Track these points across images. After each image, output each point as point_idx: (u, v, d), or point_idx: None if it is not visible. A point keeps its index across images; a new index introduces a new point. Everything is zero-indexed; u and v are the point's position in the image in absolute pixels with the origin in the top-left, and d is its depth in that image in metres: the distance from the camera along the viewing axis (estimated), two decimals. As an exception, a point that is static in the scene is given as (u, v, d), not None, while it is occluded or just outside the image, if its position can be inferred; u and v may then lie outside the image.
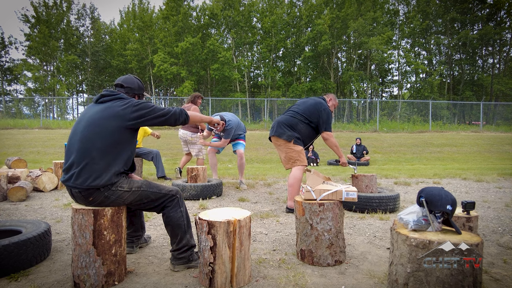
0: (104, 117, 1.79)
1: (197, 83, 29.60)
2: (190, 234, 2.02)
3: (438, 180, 5.97)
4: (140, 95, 2.15)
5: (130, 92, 2.08)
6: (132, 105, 1.85)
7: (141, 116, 1.85)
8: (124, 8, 55.85)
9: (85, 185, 1.71)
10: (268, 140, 3.78)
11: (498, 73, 28.33)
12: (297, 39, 28.64)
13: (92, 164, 1.73)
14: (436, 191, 1.67)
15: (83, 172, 1.72)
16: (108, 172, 1.75)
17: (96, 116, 1.81)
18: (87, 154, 1.74)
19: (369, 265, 2.06)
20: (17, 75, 29.77)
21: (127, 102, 1.87)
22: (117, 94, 1.91)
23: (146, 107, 1.88)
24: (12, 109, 26.01)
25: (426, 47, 29.41)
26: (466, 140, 15.39)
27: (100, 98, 1.90)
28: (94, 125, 1.78)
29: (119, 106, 1.83)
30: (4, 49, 29.40)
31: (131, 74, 2.14)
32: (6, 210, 3.59)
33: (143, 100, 1.96)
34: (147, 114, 1.87)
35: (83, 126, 1.81)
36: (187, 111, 2.02)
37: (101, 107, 1.85)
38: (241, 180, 5.18)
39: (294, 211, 2.28)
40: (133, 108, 1.84)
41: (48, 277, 1.88)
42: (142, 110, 1.86)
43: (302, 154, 3.46)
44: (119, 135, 1.80)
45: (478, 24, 28.08)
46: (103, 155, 1.75)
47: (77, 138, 1.79)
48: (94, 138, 1.75)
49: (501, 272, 1.94)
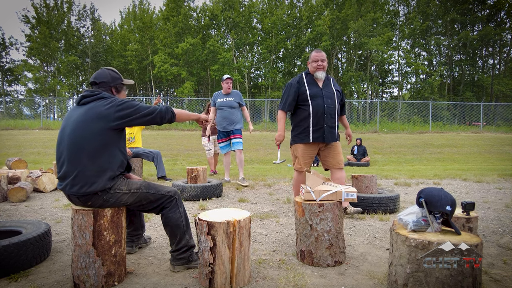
0: (87, 120, 1.74)
1: (198, 84, 29.64)
2: (189, 235, 2.02)
3: (438, 180, 5.96)
4: (117, 86, 1.99)
5: (106, 87, 1.94)
6: (116, 105, 1.79)
7: (125, 116, 1.79)
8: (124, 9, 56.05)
9: (81, 192, 1.71)
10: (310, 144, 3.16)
11: (498, 74, 28.34)
12: (297, 39, 28.68)
13: (84, 171, 1.71)
14: (435, 192, 1.67)
15: (77, 180, 1.71)
16: (102, 177, 1.73)
17: (80, 119, 1.76)
18: (77, 162, 1.71)
19: (369, 265, 2.06)
20: (18, 76, 29.83)
21: (110, 101, 1.80)
22: (98, 93, 1.84)
23: (130, 106, 1.82)
24: (13, 110, 26.05)
25: (426, 48, 29.43)
26: (466, 140, 15.39)
27: (81, 100, 1.84)
28: (79, 129, 1.74)
29: (102, 106, 1.77)
30: (4, 50, 29.47)
31: (103, 67, 2.05)
32: (6, 211, 3.59)
33: (127, 99, 1.87)
34: (132, 114, 1.81)
35: (68, 131, 1.77)
36: (173, 109, 1.97)
37: (84, 109, 1.79)
38: (243, 177, 5.30)
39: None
40: (116, 108, 1.78)
41: (48, 277, 1.89)
42: (126, 110, 1.80)
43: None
44: (105, 137, 1.75)
45: (478, 25, 28.10)
46: (94, 160, 1.72)
47: (65, 146, 1.76)
48: (81, 143, 1.72)
49: (501, 273, 1.94)
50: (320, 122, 3.07)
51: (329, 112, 3.08)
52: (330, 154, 3.20)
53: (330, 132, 3.11)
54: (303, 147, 3.14)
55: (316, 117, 3.07)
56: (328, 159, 3.22)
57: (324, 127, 3.08)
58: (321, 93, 3.10)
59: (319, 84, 3.14)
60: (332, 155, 3.20)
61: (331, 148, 3.20)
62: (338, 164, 3.20)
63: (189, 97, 25.11)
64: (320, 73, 3.11)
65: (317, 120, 3.07)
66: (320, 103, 3.06)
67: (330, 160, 3.20)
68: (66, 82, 29.83)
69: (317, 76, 3.12)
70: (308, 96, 3.07)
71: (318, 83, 3.14)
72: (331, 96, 3.13)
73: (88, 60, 29.64)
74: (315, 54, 3.13)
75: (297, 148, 3.19)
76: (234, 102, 5.20)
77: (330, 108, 3.08)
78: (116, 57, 29.96)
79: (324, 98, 3.08)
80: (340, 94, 3.26)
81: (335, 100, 3.14)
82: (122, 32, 32.11)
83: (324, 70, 3.13)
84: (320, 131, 3.08)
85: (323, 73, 3.12)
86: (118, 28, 33.89)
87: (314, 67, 3.12)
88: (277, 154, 3.78)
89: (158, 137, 14.14)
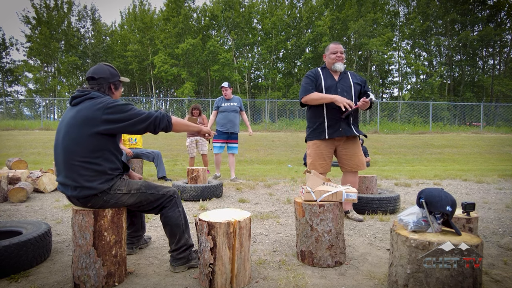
0: (77, 124, 1.69)
1: (198, 84, 29.65)
2: (188, 234, 2.02)
3: (438, 181, 5.96)
4: (116, 83, 1.91)
5: (104, 83, 1.85)
6: (104, 107, 1.68)
7: (114, 121, 1.68)
8: (125, 9, 56.08)
9: (80, 195, 1.71)
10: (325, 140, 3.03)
11: (498, 74, 28.34)
12: (298, 40, 28.69)
13: (80, 176, 1.70)
14: (435, 192, 1.67)
15: (75, 184, 1.71)
16: (98, 180, 1.72)
17: (71, 122, 1.71)
18: (72, 167, 1.70)
19: (369, 266, 2.06)
20: (18, 76, 29.87)
21: (99, 102, 1.70)
22: (87, 93, 1.76)
23: (121, 110, 1.69)
24: (13, 110, 26.05)
25: (426, 48, 29.44)
26: (467, 141, 15.38)
27: (72, 101, 1.77)
28: (70, 133, 1.70)
29: (90, 107, 1.69)
30: (5, 50, 29.50)
31: (101, 62, 1.98)
32: (7, 211, 3.59)
33: (120, 102, 1.73)
34: (122, 120, 1.69)
35: (62, 136, 1.74)
36: (170, 117, 1.83)
37: (74, 111, 1.73)
38: (235, 176, 5.82)
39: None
40: (105, 111, 1.67)
41: (48, 278, 1.89)
42: (116, 114, 1.68)
43: None
44: (96, 141, 1.69)
45: (479, 25, 28.10)
46: (88, 165, 1.70)
47: (60, 151, 1.74)
48: (74, 149, 1.69)
49: (501, 273, 1.94)
50: (335, 117, 2.93)
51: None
52: (347, 155, 3.06)
53: (347, 126, 2.97)
54: (318, 144, 3.04)
55: (332, 111, 2.93)
56: (343, 160, 3.09)
57: (340, 122, 2.95)
58: (336, 86, 2.99)
59: (335, 77, 3.04)
60: (349, 156, 3.06)
61: (348, 148, 3.05)
62: (352, 166, 3.05)
63: (189, 98, 25.12)
64: (339, 64, 3.01)
65: (332, 114, 2.93)
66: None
67: (346, 161, 3.08)
68: (67, 83, 29.85)
69: (335, 67, 3.02)
70: (323, 89, 2.97)
71: (335, 76, 3.04)
72: (347, 89, 3.00)
73: (88, 60, 29.66)
74: (334, 45, 3.04)
75: (311, 145, 3.09)
76: (237, 106, 5.69)
77: None
78: (117, 57, 29.99)
79: (339, 91, 2.96)
80: (361, 86, 3.11)
81: (351, 94, 3.00)
82: (123, 32, 32.15)
83: (343, 61, 3.04)
84: (336, 126, 2.95)
85: (341, 64, 3.02)
86: (119, 28, 33.93)
87: (332, 58, 3.02)
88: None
89: (159, 138, 14.14)
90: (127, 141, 5.85)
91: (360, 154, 3.07)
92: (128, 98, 24.76)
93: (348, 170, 3.09)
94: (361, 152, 3.09)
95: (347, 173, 3.11)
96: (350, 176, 3.10)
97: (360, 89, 3.11)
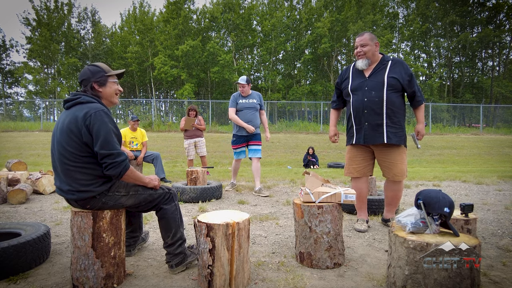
0: (67, 131, 1.69)
1: (197, 85, 29.69)
2: (183, 229, 2.06)
3: (438, 182, 5.96)
4: (99, 80, 1.81)
5: (87, 84, 1.80)
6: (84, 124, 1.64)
7: (90, 141, 1.66)
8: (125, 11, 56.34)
9: (78, 198, 1.72)
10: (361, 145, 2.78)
11: (498, 76, 28.39)
12: (297, 42, 28.75)
13: (77, 181, 1.71)
14: (433, 194, 1.67)
15: (72, 188, 1.71)
16: (95, 184, 1.73)
17: (63, 129, 1.71)
18: (68, 172, 1.71)
19: (368, 267, 2.06)
20: (18, 78, 29.93)
21: (84, 114, 1.66)
22: (77, 98, 1.75)
23: (99, 131, 1.65)
24: (13, 112, 26.08)
25: (426, 49, 29.50)
26: (466, 142, 15.39)
27: (64, 104, 1.78)
28: (61, 139, 1.71)
29: (77, 116, 1.67)
30: (5, 52, 29.56)
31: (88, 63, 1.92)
32: (6, 213, 3.59)
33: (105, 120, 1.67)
34: (94, 143, 1.66)
35: (56, 141, 1.75)
36: (128, 169, 1.75)
37: (65, 116, 1.73)
38: (260, 187, 4.67)
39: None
40: (85, 129, 1.65)
41: (47, 279, 1.89)
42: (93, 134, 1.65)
43: None
44: (86, 147, 1.69)
45: (478, 27, 28.18)
46: (83, 170, 1.70)
47: (56, 156, 1.75)
48: (67, 155, 1.69)
49: (500, 274, 1.94)
50: (361, 121, 2.62)
51: (370, 107, 2.57)
52: (385, 162, 2.71)
53: (374, 132, 2.59)
54: (350, 148, 2.84)
55: (358, 114, 2.63)
56: (381, 167, 2.78)
57: (365, 126, 2.61)
58: (364, 84, 2.62)
59: (366, 74, 2.65)
60: (387, 164, 2.70)
61: (386, 156, 2.68)
62: (389, 175, 2.72)
63: (189, 99, 25.15)
64: (360, 61, 2.65)
65: (359, 118, 2.63)
66: (359, 97, 2.61)
67: (383, 168, 2.75)
68: (67, 84, 29.89)
69: (357, 65, 2.67)
70: (349, 90, 2.68)
71: (365, 73, 2.66)
72: (377, 86, 2.57)
73: (88, 62, 29.70)
74: (356, 39, 2.69)
75: (347, 148, 2.87)
76: (257, 104, 4.68)
77: (372, 102, 2.57)
78: (117, 59, 30.06)
79: (366, 90, 2.59)
80: (400, 82, 2.57)
81: (382, 92, 2.55)
82: (123, 34, 32.23)
83: (365, 57, 2.63)
84: (361, 131, 2.65)
85: (363, 61, 2.63)
86: (119, 30, 34.02)
87: (355, 54, 2.69)
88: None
89: (158, 139, 14.15)
90: (128, 143, 5.85)
91: (400, 162, 2.68)
92: (128, 100, 24.79)
93: (390, 179, 2.77)
94: (402, 160, 2.69)
95: (388, 181, 2.82)
96: (391, 184, 2.79)
97: (397, 84, 2.58)
